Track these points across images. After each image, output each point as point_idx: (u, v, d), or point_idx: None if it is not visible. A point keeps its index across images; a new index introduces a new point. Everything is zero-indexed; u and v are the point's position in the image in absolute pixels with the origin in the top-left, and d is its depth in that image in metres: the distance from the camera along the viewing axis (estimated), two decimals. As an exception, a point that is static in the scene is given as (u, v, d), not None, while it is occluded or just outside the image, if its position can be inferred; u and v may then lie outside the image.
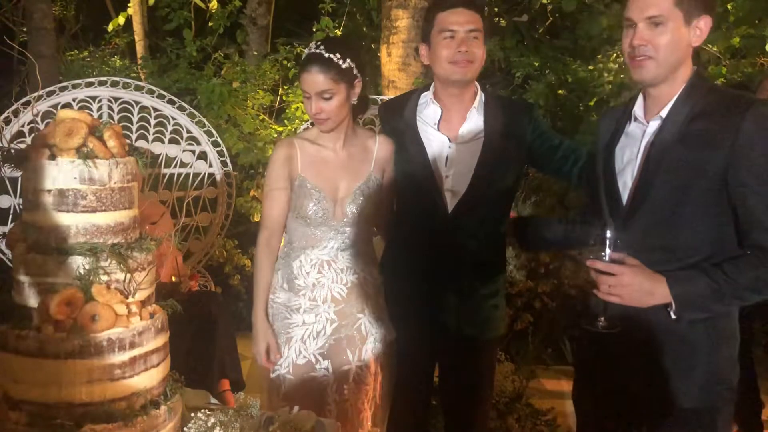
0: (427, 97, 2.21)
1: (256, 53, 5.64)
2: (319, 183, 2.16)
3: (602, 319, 1.73)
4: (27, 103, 3.55)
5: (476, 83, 2.19)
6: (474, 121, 2.17)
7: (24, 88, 5.12)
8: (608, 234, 1.64)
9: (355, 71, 2.11)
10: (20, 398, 1.41)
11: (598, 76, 5.77)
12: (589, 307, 1.81)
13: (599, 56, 6.08)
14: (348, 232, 2.19)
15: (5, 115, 3.51)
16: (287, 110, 4.77)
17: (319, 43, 2.12)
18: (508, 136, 2.16)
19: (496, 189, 2.18)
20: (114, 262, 1.44)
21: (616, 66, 6.09)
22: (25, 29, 5.18)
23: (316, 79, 2.06)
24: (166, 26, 5.99)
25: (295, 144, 2.21)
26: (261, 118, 4.79)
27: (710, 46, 6.17)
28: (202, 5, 6.11)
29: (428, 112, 2.20)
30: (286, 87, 5.02)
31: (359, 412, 2.21)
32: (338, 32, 4.74)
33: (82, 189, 1.42)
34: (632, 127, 1.79)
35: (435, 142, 2.18)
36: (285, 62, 5.07)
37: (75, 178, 1.42)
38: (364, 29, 6.24)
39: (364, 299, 2.22)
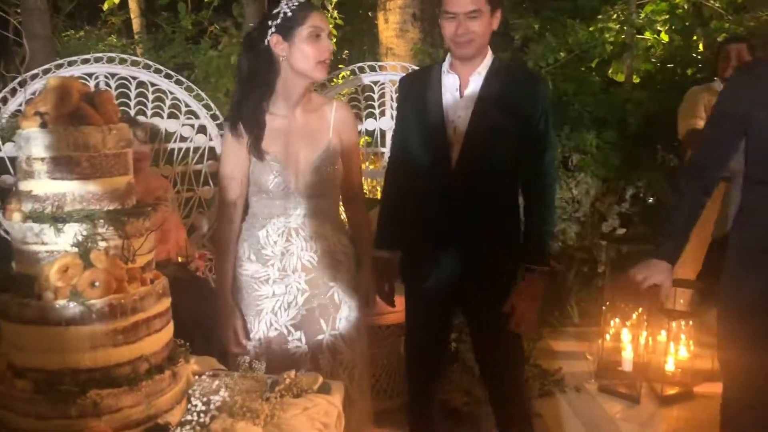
0: (445, 67, 2.29)
1: (251, 25, 5.59)
2: (278, 154, 2.13)
3: None
4: (23, 83, 3.53)
5: (489, 50, 2.27)
6: (475, 83, 2.24)
7: (19, 69, 5.09)
8: None
9: None
10: (25, 366, 1.41)
11: (599, 36, 5.71)
12: None
13: (599, 16, 6.01)
14: (313, 200, 2.17)
15: (2, 95, 3.49)
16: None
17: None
18: (503, 99, 2.22)
19: (493, 147, 2.24)
20: (111, 228, 1.43)
21: (618, 26, 6.02)
22: (18, 10, 5.12)
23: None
24: (161, 1, 5.93)
25: None
26: (259, 90, 4.75)
27: (713, 1, 6.09)
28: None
29: (447, 81, 2.28)
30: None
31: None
32: (334, 0, 4.69)
33: (75, 156, 1.41)
34: None
35: (451, 106, 2.27)
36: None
37: (68, 145, 1.41)
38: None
39: (335, 267, 2.21)
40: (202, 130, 3.85)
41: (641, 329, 3.82)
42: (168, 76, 3.76)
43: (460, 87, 2.26)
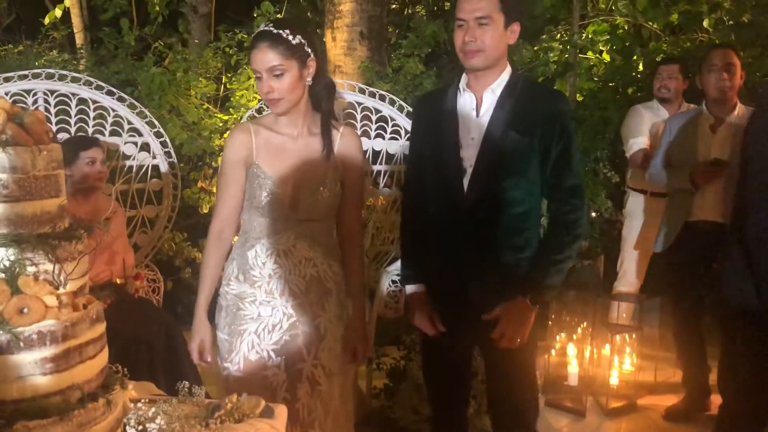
0: (462, 84, 2.15)
1: (198, 42, 5.54)
2: (274, 172, 2.08)
3: None
4: (-44, 99, 3.40)
5: (507, 65, 2.12)
6: (489, 101, 2.10)
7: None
8: None
9: (307, 48, 2.03)
10: (-53, 398, 1.35)
11: (543, 56, 5.83)
12: None
13: (542, 36, 6.15)
14: (306, 224, 2.11)
15: (-67, 111, 3.36)
16: (232, 98, 4.70)
17: (268, 22, 2.07)
18: (518, 119, 2.07)
19: (505, 172, 2.09)
20: (41, 252, 1.38)
21: (560, 45, 6.17)
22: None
23: (265, 55, 1.99)
24: (103, 16, 5.82)
25: (250, 129, 2.13)
26: (205, 107, 4.71)
27: (651, 23, 6.30)
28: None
29: (464, 100, 2.14)
30: (229, 75, 4.94)
31: (310, 413, 2.11)
32: (279, 17, 4.68)
33: (3, 178, 1.36)
34: None
35: (465, 128, 2.13)
36: (227, 50, 4.99)
37: (-6, 166, 1.35)
38: (309, 14, 6.19)
39: (323, 295, 2.14)
40: (145, 147, 3.78)
41: (586, 343, 3.89)
42: (110, 93, 3.69)
43: (477, 106, 2.12)
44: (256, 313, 2.11)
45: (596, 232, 4.88)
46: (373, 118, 3.54)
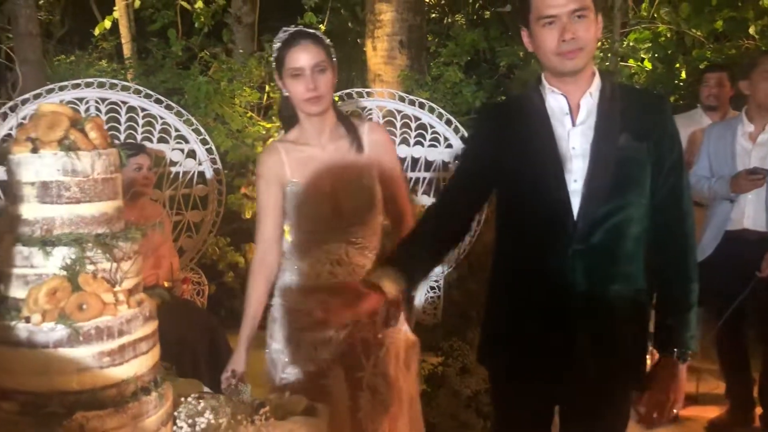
0: (544, 89, 1.78)
1: (242, 51, 5.67)
2: (315, 185, 2.06)
3: None
4: (14, 107, 3.56)
5: (593, 66, 1.79)
6: (587, 107, 1.75)
7: (10, 94, 5.13)
8: None
9: (332, 51, 2.04)
10: (12, 388, 1.42)
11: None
12: None
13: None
14: (353, 228, 2.09)
15: (-7, 119, 3.53)
16: (274, 107, 4.80)
17: (295, 26, 2.07)
18: (629, 122, 1.73)
19: (622, 179, 1.72)
20: (100, 252, 1.46)
21: (601, 54, 6.14)
22: (10, 35, 5.18)
23: (310, 50, 1.96)
24: (151, 27, 6.00)
25: (279, 149, 2.11)
26: (249, 115, 4.82)
27: (694, 30, 6.23)
28: (188, 6, 6.13)
29: (553, 104, 1.77)
30: (273, 84, 5.04)
31: (373, 422, 2.08)
32: (322, 27, 4.78)
33: (65, 181, 1.44)
34: None
35: (563, 135, 1.76)
36: (271, 59, 5.09)
37: (58, 170, 1.43)
38: (350, 24, 6.28)
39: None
40: (191, 154, 3.89)
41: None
42: (158, 101, 3.81)
43: (571, 112, 1.75)
44: (311, 324, 2.08)
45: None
46: (413, 125, 3.58)
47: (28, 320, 1.41)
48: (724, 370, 3.68)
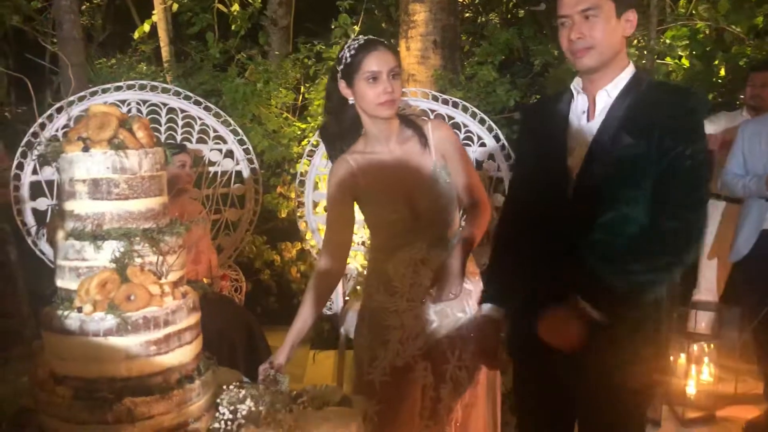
0: (577, 85, 1.87)
1: (277, 53, 5.76)
2: (388, 190, 2.11)
3: None
4: (60, 109, 3.69)
5: (629, 63, 1.82)
6: (602, 103, 1.80)
7: (57, 96, 5.30)
8: None
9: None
10: (65, 374, 1.51)
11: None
12: None
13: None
14: (434, 228, 2.13)
15: (40, 120, 3.65)
16: (310, 107, 4.87)
17: (363, 35, 2.14)
18: (633, 123, 1.74)
19: (616, 176, 1.74)
20: (147, 246, 1.53)
21: (636, 52, 6.08)
22: (55, 40, 5.34)
23: (386, 56, 2.04)
24: (189, 30, 6.13)
25: (349, 161, 2.16)
26: (284, 116, 4.89)
27: (733, 26, 6.13)
28: (224, 9, 6.25)
29: (577, 103, 1.86)
30: (308, 85, 5.12)
31: (449, 413, 2.13)
32: (356, 28, 4.83)
33: (114, 178, 1.52)
34: None
35: (575, 133, 1.84)
36: (306, 60, 5.17)
37: (108, 167, 1.51)
38: (383, 25, 6.32)
39: (464, 296, 2.11)
40: (229, 154, 3.98)
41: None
42: (197, 103, 3.90)
43: (588, 109, 1.83)
44: (399, 323, 2.13)
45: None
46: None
47: (80, 310, 1.49)
48: (762, 370, 3.64)
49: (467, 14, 7.16)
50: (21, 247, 3.56)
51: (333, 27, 5.06)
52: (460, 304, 2.13)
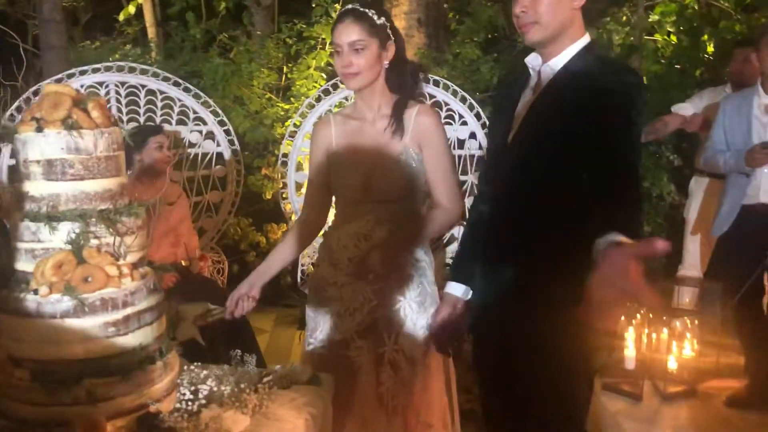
0: (530, 61, 1.82)
1: (260, 33, 5.70)
2: (348, 156, 2.13)
3: None
4: (37, 92, 3.66)
5: (583, 37, 1.74)
6: (547, 76, 1.76)
7: (40, 79, 5.25)
8: None
9: (388, 31, 2.09)
10: (22, 357, 1.50)
11: (606, 39, 5.73)
12: None
13: (607, 18, 6.03)
14: (385, 206, 2.12)
15: (17, 104, 3.62)
16: (293, 88, 4.83)
17: (354, 2, 2.13)
18: (568, 94, 1.70)
19: (541, 152, 1.72)
20: (103, 227, 1.52)
21: (626, 28, 6.04)
22: (36, 22, 5.28)
23: (348, 29, 2.04)
24: (171, 10, 6.07)
25: (330, 120, 2.22)
26: (267, 96, 4.86)
27: (722, 1, 6.08)
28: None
29: (532, 79, 1.82)
30: (290, 65, 5.07)
31: (394, 398, 2.12)
32: (338, 6, 4.78)
33: (69, 158, 1.50)
34: None
35: (519, 109, 1.83)
36: (288, 40, 5.12)
37: (62, 148, 1.49)
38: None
39: (405, 281, 2.13)
40: (210, 136, 3.96)
41: (644, 327, 3.83)
42: (176, 84, 3.87)
43: (535, 85, 1.81)
44: (338, 295, 2.15)
45: (659, 217, 4.79)
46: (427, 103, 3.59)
47: (36, 292, 1.47)
48: (742, 345, 3.65)
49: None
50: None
51: (313, 5, 5.01)
52: (400, 288, 2.12)
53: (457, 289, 1.99)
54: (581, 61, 1.73)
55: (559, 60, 1.74)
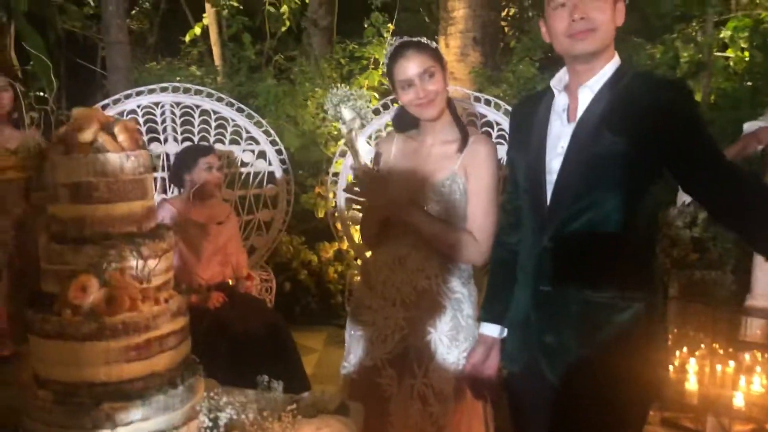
0: (556, 83, 1.75)
1: (317, 53, 5.76)
2: (399, 176, 2.10)
3: None
4: (98, 112, 3.77)
5: (615, 55, 1.68)
6: (586, 100, 1.67)
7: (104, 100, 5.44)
8: None
9: (441, 53, 2.12)
10: (46, 377, 1.51)
11: (673, 56, 5.53)
12: None
13: (672, 35, 5.83)
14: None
15: (77, 124, 3.74)
16: (349, 107, 4.84)
17: (399, 38, 2.12)
18: (616, 113, 1.61)
19: (596, 177, 1.62)
20: (127, 250, 1.51)
21: (693, 45, 5.81)
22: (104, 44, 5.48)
23: (416, 59, 2.02)
24: (227, 32, 6.19)
25: (394, 138, 2.22)
26: (321, 116, 4.88)
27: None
28: (273, 10, 6.27)
29: (558, 102, 1.74)
30: (343, 85, 5.09)
31: None
32: (390, 26, 4.78)
33: (94, 181, 1.51)
34: None
35: (555, 136, 1.72)
36: (341, 60, 5.15)
37: (88, 171, 1.50)
38: (426, 20, 6.25)
39: (437, 311, 2.04)
40: (262, 155, 3.99)
41: (708, 360, 3.62)
42: (230, 104, 3.92)
43: (568, 107, 1.71)
44: (371, 319, 2.10)
45: (728, 242, 4.54)
46: (478, 123, 3.52)
47: (59, 314, 1.48)
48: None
49: (512, 9, 6.99)
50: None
51: (366, 26, 5.03)
52: (431, 319, 2.04)
53: (493, 330, 1.89)
54: (624, 80, 1.65)
55: (597, 80, 1.67)
